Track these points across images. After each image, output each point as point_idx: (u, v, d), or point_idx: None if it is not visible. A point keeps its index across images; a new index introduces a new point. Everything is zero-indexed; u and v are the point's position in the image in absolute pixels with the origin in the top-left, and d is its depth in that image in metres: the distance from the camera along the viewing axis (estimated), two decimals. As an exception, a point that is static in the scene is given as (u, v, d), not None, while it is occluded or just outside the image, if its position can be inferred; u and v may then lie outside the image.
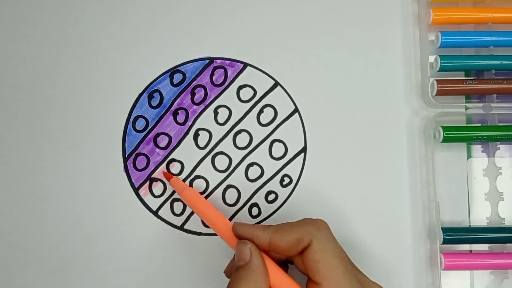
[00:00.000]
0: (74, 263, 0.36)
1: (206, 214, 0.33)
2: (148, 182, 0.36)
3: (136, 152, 0.37)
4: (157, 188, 0.36)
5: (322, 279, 0.28)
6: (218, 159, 0.37)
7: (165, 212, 0.36)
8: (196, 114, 0.37)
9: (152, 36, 0.38)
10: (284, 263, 0.32)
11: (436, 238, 0.35)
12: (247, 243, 0.29)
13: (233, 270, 0.29)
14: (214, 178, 0.37)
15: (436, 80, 0.36)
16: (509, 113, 0.36)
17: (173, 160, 0.37)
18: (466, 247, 0.36)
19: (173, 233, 0.36)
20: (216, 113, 0.37)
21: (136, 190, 0.36)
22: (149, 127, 0.37)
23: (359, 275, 0.30)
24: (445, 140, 0.36)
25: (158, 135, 0.37)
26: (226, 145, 0.37)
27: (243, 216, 0.36)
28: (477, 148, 0.37)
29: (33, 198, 0.36)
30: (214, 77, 0.37)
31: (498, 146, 0.37)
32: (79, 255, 0.36)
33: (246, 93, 0.37)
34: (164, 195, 0.36)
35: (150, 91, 0.37)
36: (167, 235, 0.36)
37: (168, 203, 0.36)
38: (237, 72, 0.37)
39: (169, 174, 0.36)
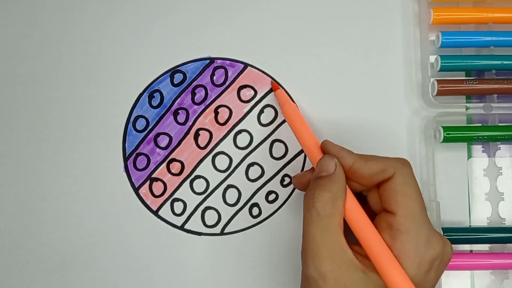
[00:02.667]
0: (74, 263, 0.36)
1: (299, 129, 0.33)
2: (148, 182, 0.36)
3: (137, 152, 0.37)
4: (158, 188, 0.36)
5: (399, 208, 0.28)
6: (219, 159, 0.37)
7: (165, 212, 0.36)
8: (197, 114, 0.37)
9: (152, 36, 0.38)
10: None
11: (437, 238, 0.35)
12: (333, 157, 0.30)
13: (313, 179, 0.30)
14: (215, 178, 0.37)
15: (437, 80, 0.36)
16: (510, 113, 0.36)
17: (174, 160, 0.37)
18: (466, 247, 0.36)
19: (173, 233, 0.36)
20: (216, 113, 0.37)
21: (136, 190, 0.36)
22: (150, 127, 0.37)
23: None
24: (446, 140, 0.36)
25: (158, 135, 0.37)
26: (227, 145, 0.37)
27: (243, 216, 0.36)
28: (477, 148, 0.37)
29: (33, 198, 0.36)
30: (214, 77, 0.37)
31: (498, 146, 0.37)
32: (79, 255, 0.36)
33: (246, 93, 0.37)
34: (165, 195, 0.36)
35: (151, 91, 0.37)
36: (167, 235, 0.36)
37: (168, 203, 0.36)
38: (238, 72, 0.37)
39: (276, 84, 0.37)
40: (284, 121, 0.37)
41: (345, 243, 0.28)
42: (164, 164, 0.37)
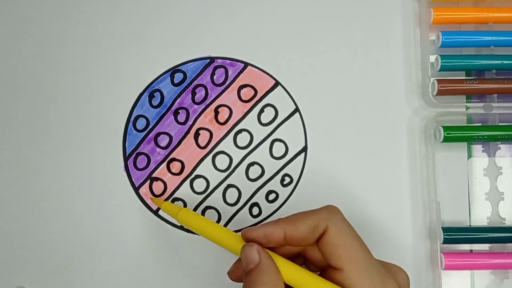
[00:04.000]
0: (75, 262, 0.36)
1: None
2: (148, 182, 0.36)
3: (137, 151, 0.37)
4: (158, 187, 0.36)
5: (344, 263, 0.27)
6: (219, 158, 0.37)
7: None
8: (197, 114, 0.37)
9: (152, 36, 0.38)
10: (298, 257, 0.31)
11: (437, 238, 0.35)
12: (253, 244, 0.28)
13: (244, 275, 0.28)
14: (215, 177, 0.37)
15: (437, 80, 0.36)
16: (510, 113, 0.36)
17: (174, 159, 0.37)
18: (466, 247, 0.36)
19: (173, 232, 0.36)
20: (216, 112, 0.37)
21: (136, 190, 0.36)
22: (150, 127, 0.37)
23: (374, 257, 0.29)
24: (446, 139, 0.36)
25: (158, 134, 0.37)
26: (227, 145, 0.37)
27: (244, 216, 0.36)
28: (477, 148, 0.37)
29: (33, 198, 0.36)
30: (214, 77, 0.37)
31: (498, 145, 0.37)
32: (79, 254, 0.36)
33: (246, 93, 0.37)
34: (165, 194, 0.36)
35: (151, 91, 0.37)
36: (167, 235, 0.36)
37: (168, 203, 0.36)
38: (238, 71, 0.37)
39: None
40: (284, 121, 0.37)
41: None
42: (164, 164, 0.37)
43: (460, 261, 0.35)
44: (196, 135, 0.37)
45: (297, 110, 0.37)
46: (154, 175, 0.36)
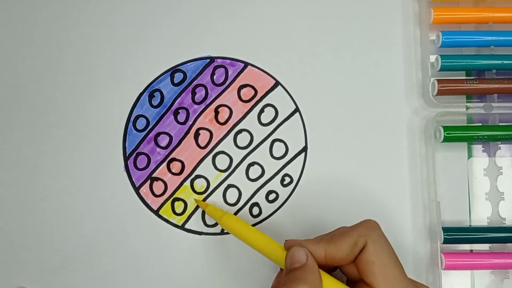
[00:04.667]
0: (75, 262, 0.36)
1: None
2: (149, 182, 0.36)
3: (137, 151, 0.37)
4: (158, 187, 0.36)
5: (377, 282, 0.27)
6: (219, 158, 0.37)
7: (166, 211, 0.36)
8: (197, 114, 0.37)
9: (152, 36, 0.38)
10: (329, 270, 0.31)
11: (437, 238, 0.35)
12: (303, 247, 0.28)
13: (285, 273, 0.28)
14: (215, 177, 0.37)
15: (437, 80, 0.36)
16: (510, 113, 0.36)
17: (174, 159, 0.37)
18: (466, 246, 0.36)
19: (174, 232, 0.36)
20: (216, 112, 0.37)
21: (136, 190, 0.36)
22: (150, 127, 0.37)
23: (407, 277, 0.29)
24: (446, 139, 0.36)
25: (158, 134, 0.37)
26: (227, 145, 0.37)
27: (244, 216, 0.36)
28: (477, 148, 0.37)
29: (33, 198, 0.36)
30: (214, 77, 0.37)
31: (499, 145, 0.37)
32: (79, 254, 0.36)
33: (246, 93, 0.37)
34: (165, 194, 0.36)
35: (151, 91, 0.37)
36: (168, 235, 0.36)
37: (169, 203, 0.36)
38: (238, 71, 0.37)
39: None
40: (285, 121, 0.37)
41: None
42: (165, 164, 0.37)
43: (460, 261, 0.35)
44: (196, 135, 0.37)
45: (297, 110, 0.37)
46: (154, 175, 0.36)
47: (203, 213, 0.36)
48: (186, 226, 0.36)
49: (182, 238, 0.36)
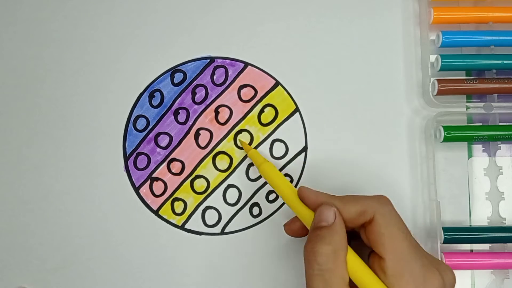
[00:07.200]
0: (75, 262, 0.36)
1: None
2: (149, 182, 0.36)
3: (137, 151, 0.37)
4: (158, 187, 0.36)
5: (386, 253, 0.27)
6: (219, 158, 0.37)
7: (166, 211, 0.36)
8: (197, 114, 0.37)
9: (152, 36, 0.38)
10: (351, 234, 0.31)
11: (437, 238, 0.35)
12: (332, 206, 0.29)
13: (312, 229, 0.29)
14: (215, 177, 0.37)
15: (437, 80, 0.36)
16: (510, 113, 0.36)
17: (174, 159, 0.37)
18: (467, 246, 0.36)
19: (173, 232, 0.36)
20: (217, 112, 0.37)
21: (137, 190, 0.36)
22: (150, 127, 0.37)
23: (423, 251, 0.29)
24: (446, 139, 0.36)
25: (158, 134, 0.37)
26: (227, 145, 0.37)
27: (244, 216, 0.36)
28: (478, 148, 0.37)
29: (33, 198, 0.36)
30: (215, 77, 0.37)
31: (499, 145, 0.37)
32: (79, 254, 0.36)
33: (247, 93, 0.37)
34: (165, 194, 0.36)
35: (151, 91, 0.37)
36: (167, 235, 0.36)
37: (169, 203, 0.36)
38: (238, 71, 0.37)
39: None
40: (285, 121, 0.37)
41: None
42: (165, 164, 0.37)
43: (460, 261, 0.35)
44: (197, 135, 0.37)
45: (297, 110, 0.37)
46: (154, 175, 0.36)
47: (203, 213, 0.36)
48: (186, 226, 0.36)
49: (182, 238, 0.36)
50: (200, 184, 0.36)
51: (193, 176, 0.37)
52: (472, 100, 0.37)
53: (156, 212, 0.36)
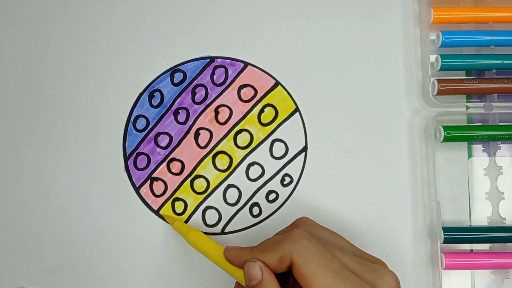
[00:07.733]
0: (75, 262, 0.36)
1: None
2: (149, 182, 0.36)
3: (137, 151, 0.37)
4: (158, 187, 0.36)
5: None
6: (219, 158, 0.37)
7: (166, 211, 0.36)
8: (197, 114, 0.37)
9: (152, 35, 0.38)
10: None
11: (437, 238, 0.35)
12: (256, 261, 0.28)
13: None
14: (215, 177, 0.37)
15: (437, 80, 0.36)
16: (510, 113, 0.36)
17: (174, 159, 0.37)
18: (467, 246, 0.36)
19: (174, 232, 0.36)
20: (217, 112, 0.37)
21: (137, 190, 0.36)
22: (150, 127, 0.37)
23: (354, 265, 0.29)
24: (446, 139, 0.36)
25: (158, 134, 0.37)
26: (227, 145, 0.37)
27: (244, 216, 0.36)
28: (478, 148, 0.37)
29: (33, 198, 0.36)
30: (214, 77, 0.37)
31: (499, 145, 0.37)
32: (79, 254, 0.36)
33: (246, 93, 0.37)
34: (165, 194, 0.36)
35: (151, 91, 0.37)
36: (168, 235, 0.36)
37: (169, 203, 0.36)
38: (238, 71, 0.37)
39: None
40: (285, 121, 0.37)
41: None
42: (165, 164, 0.37)
43: (460, 260, 0.35)
44: (196, 135, 0.37)
45: (297, 110, 0.37)
46: (154, 175, 0.36)
47: (203, 213, 0.36)
48: (186, 226, 0.36)
49: (182, 238, 0.36)
50: (200, 184, 0.36)
51: (193, 176, 0.37)
52: (472, 100, 0.37)
53: (156, 212, 0.36)
